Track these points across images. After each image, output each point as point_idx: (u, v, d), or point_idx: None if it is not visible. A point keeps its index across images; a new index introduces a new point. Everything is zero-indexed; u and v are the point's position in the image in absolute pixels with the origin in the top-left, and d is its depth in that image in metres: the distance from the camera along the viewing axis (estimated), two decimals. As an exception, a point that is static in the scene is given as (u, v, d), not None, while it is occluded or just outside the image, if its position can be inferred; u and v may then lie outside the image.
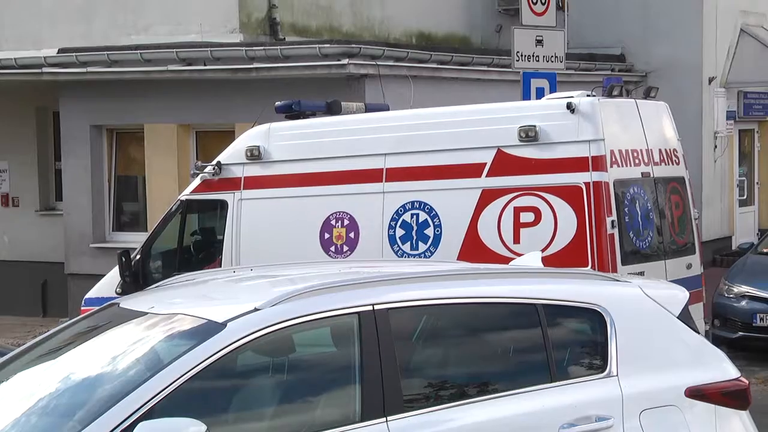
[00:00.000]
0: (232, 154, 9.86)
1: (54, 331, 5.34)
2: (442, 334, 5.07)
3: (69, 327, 5.31)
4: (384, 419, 4.54)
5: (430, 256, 8.84)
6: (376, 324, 4.68)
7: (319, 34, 15.75)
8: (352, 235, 9.20)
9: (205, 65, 14.00)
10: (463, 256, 8.59)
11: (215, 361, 4.40)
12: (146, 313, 4.92)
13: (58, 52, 14.87)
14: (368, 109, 10.22)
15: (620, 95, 8.91)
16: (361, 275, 5.31)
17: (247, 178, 9.69)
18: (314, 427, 4.54)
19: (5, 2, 16.37)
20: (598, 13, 18.62)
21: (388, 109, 10.28)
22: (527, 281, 5.32)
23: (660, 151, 9.11)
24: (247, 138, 9.81)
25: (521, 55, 12.22)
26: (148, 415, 4.21)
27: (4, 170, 16.90)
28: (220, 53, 13.90)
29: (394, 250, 8.98)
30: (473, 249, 8.61)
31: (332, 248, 9.27)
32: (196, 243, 10.37)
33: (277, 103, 10.02)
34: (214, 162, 9.88)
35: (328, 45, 13.62)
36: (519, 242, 8.54)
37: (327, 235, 9.29)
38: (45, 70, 14.85)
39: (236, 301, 4.93)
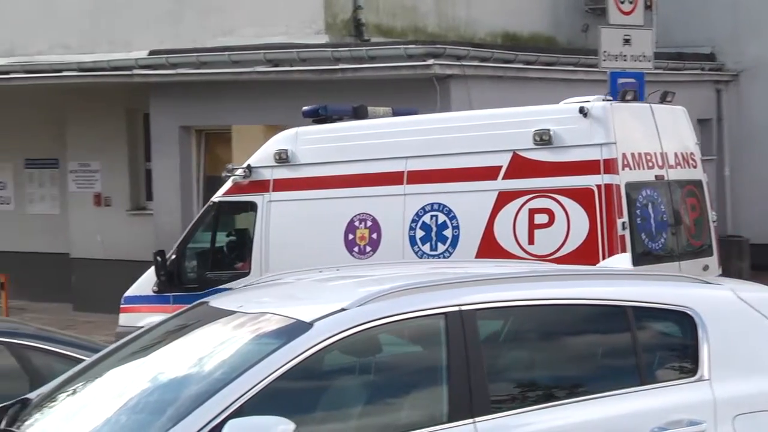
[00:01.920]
0: (261, 157, 10.20)
1: (144, 330, 5.41)
2: (528, 336, 5.03)
3: (159, 325, 5.38)
4: (471, 420, 4.51)
5: (448, 257, 9.09)
6: (463, 325, 4.65)
7: (404, 35, 15.75)
8: (374, 236, 9.50)
9: (291, 66, 14.10)
10: (479, 256, 8.87)
11: (302, 360, 4.42)
12: (235, 312, 4.96)
13: (148, 54, 15.10)
14: (396, 113, 10.41)
15: (634, 100, 9.09)
16: (447, 276, 5.29)
17: (275, 180, 10.04)
18: (401, 427, 4.53)
19: (98, 7, 16.66)
20: (686, 11, 18.33)
21: (416, 113, 10.44)
22: (616, 283, 5.25)
23: (676, 154, 9.28)
24: (276, 142, 10.16)
25: (608, 55, 12.08)
26: (237, 413, 4.23)
27: (96, 170, 17.21)
28: (306, 54, 13.98)
29: (414, 251, 9.26)
30: (489, 250, 8.88)
31: (356, 249, 9.57)
32: (228, 243, 10.64)
33: (304, 107, 10.31)
34: (244, 165, 10.23)
35: (413, 46, 13.61)
36: (533, 243, 8.81)
37: (351, 236, 9.58)
38: (136, 72, 15.09)
39: (323, 301, 4.94)
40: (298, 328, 4.53)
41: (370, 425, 4.55)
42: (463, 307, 4.69)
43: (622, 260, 6.14)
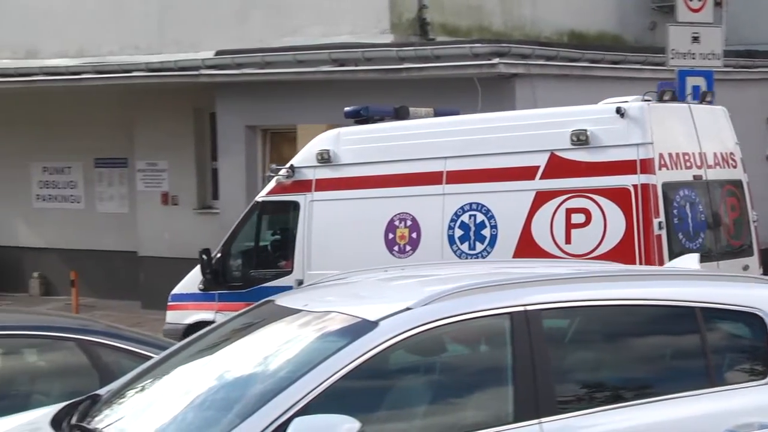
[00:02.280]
0: (304, 157, 10.41)
1: (211, 328, 5.45)
2: (595, 336, 4.98)
3: (226, 323, 5.42)
4: (537, 421, 4.49)
5: (486, 256, 9.22)
6: (528, 325, 4.63)
7: (469, 34, 15.70)
8: (414, 235, 9.67)
9: (356, 66, 14.12)
10: (517, 255, 8.99)
11: (368, 359, 4.42)
12: (300, 311, 4.98)
13: (215, 55, 15.23)
14: (438, 114, 10.50)
15: (672, 100, 9.09)
16: (512, 276, 5.26)
17: (317, 180, 10.24)
18: (466, 427, 4.52)
19: (166, 8, 16.84)
20: (757, 8, 18.04)
21: (458, 113, 10.51)
22: (684, 283, 5.19)
23: (715, 154, 9.30)
24: (318, 142, 10.36)
25: (676, 53, 11.94)
26: (303, 411, 4.25)
27: (163, 170, 17.39)
28: (371, 54, 13.99)
29: (453, 250, 9.40)
30: (527, 249, 9.01)
31: (396, 248, 9.75)
32: (271, 242, 10.84)
33: (346, 108, 10.46)
34: (287, 165, 10.45)
35: (478, 45, 13.56)
36: (570, 242, 8.93)
37: (391, 235, 9.78)
38: (202, 72, 15.22)
39: (388, 300, 4.95)
40: (364, 327, 4.54)
41: (435, 425, 4.54)
42: (529, 307, 4.67)
43: (691, 260, 6.05)
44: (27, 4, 18.01)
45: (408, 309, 4.60)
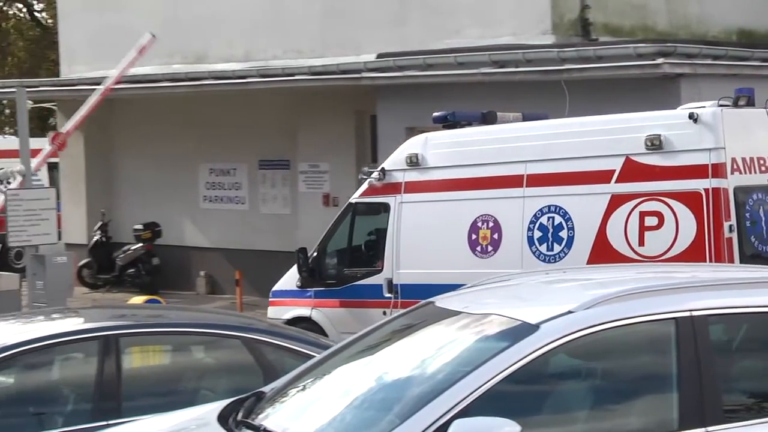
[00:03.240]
0: (395, 160, 10.93)
1: (372, 328, 5.50)
2: (763, 344, 4.82)
3: (386, 324, 5.47)
4: (703, 429, 4.38)
5: (563, 257, 9.58)
6: (695, 331, 4.52)
7: (633, 34, 15.42)
8: (495, 236, 10.07)
9: (516, 67, 14.04)
10: (593, 257, 9.38)
11: (528, 362, 4.39)
12: (460, 313, 4.98)
13: (376, 58, 15.37)
14: (526, 118, 10.83)
15: (747, 105, 9.24)
16: (677, 280, 5.14)
17: (407, 182, 10.73)
18: (628, 433, 4.45)
19: (328, 12, 17.10)
20: None
21: (546, 117, 10.74)
22: None
23: None
24: (408, 146, 10.89)
25: None
26: (463, 413, 4.25)
27: (325, 171, 17.65)
28: (532, 55, 13.89)
29: (532, 251, 9.78)
30: (602, 250, 9.35)
31: (478, 248, 10.16)
32: (364, 242, 11.35)
33: (434, 113, 10.93)
34: (379, 168, 11.01)
35: (642, 44, 13.30)
36: (644, 245, 9.20)
37: (474, 236, 10.19)
38: (364, 75, 15.38)
39: (549, 303, 4.90)
40: (524, 330, 4.51)
41: (596, 430, 4.48)
42: (695, 313, 4.56)
43: None
44: (197, 12, 18.57)
45: (570, 312, 4.55)
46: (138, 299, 13.74)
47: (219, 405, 5.17)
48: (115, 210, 20.13)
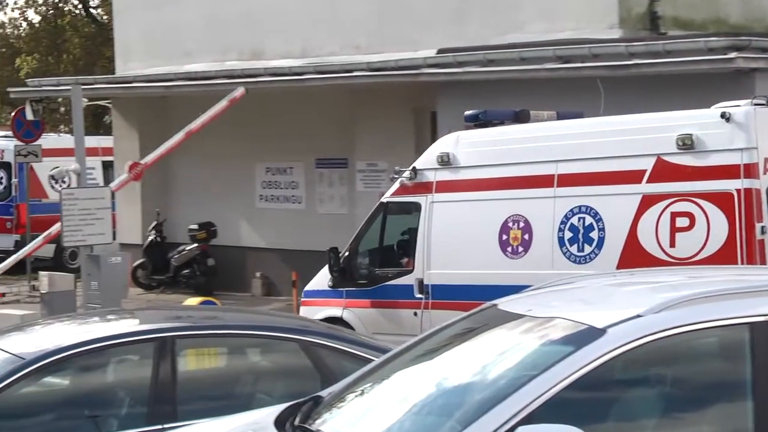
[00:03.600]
0: (426, 160, 11.13)
1: (432, 332, 5.49)
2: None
3: (447, 328, 5.45)
4: (780, 439, 4.31)
5: (594, 258, 9.72)
6: (771, 336, 4.44)
7: (704, 28, 15.24)
8: (526, 237, 10.22)
9: (582, 63, 13.94)
10: (623, 258, 9.50)
11: (594, 368, 4.35)
12: (523, 316, 4.95)
13: (436, 53, 15.35)
14: (561, 116, 10.95)
15: None
16: (752, 283, 5.07)
17: (438, 182, 10.92)
18: (699, 442, 4.39)
19: (385, 7, 17.10)
20: None
21: (582, 116, 10.87)
22: None
23: None
24: (439, 145, 11.14)
25: None
26: (527, 420, 4.23)
27: (382, 170, 17.64)
28: (598, 50, 13.78)
29: (562, 252, 9.94)
30: (633, 252, 9.48)
31: (509, 249, 10.33)
32: (395, 242, 11.57)
33: (466, 112, 11.14)
34: (410, 167, 11.18)
35: (714, 38, 13.14)
36: (674, 246, 9.34)
37: (504, 237, 10.37)
38: (423, 71, 15.36)
39: (617, 306, 4.86)
40: (590, 335, 4.47)
41: (665, 439, 4.43)
42: (771, 318, 4.48)
43: None
44: (253, 7, 18.67)
45: (638, 316, 4.50)
46: (193, 300, 13.84)
47: (276, 409, 5.19)
48: (170, 209, 20.31)
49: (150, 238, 20.02)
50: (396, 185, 11.39)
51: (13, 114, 21.82)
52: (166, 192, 20.48)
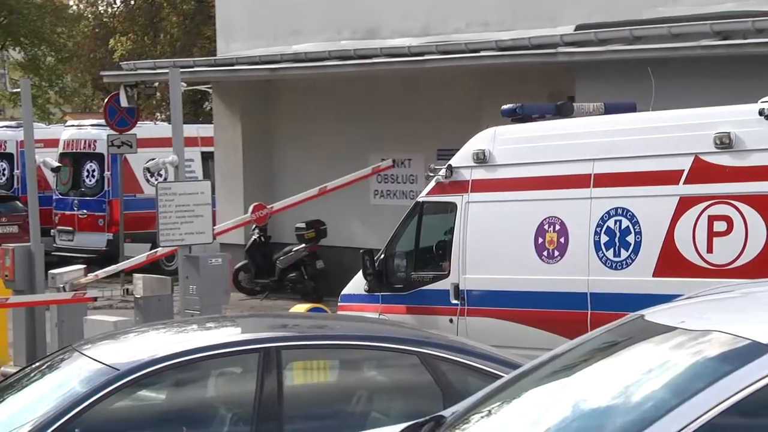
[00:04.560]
0: (462, 157, 11.47)
1: (570, 346, 5.46)
2: None
3: (586, 341, 5.41)
4: None
5: (630, 264, 10.08)
6: None
7: None
8: (562, 240, 10.58)
9: (744, 39, 13.70)
10: (660, 264, 9.89)
11: (758, 390, 4.28)
12: (675, 329, 4.90)
13: (575, 30, 15.24)
14: (608, 109, 11.31)
15: None
16: None
17: (474, 181, 11.30)
18: None
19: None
20: None
21: (634, 109, 11.31)
22: None
23: None
24: (476, 141, 11.43)
25: None
26: (678, 448, 4.18)
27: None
28: (763, 24, 13.54)
29: (598, 257, 10.30)
30: (670, 257, 9.86)
31: (545, 253, 10.69)
32: (431, 244, 11.99)
33: (503, 106, 11.44)
34: (446, 165, 11.50)
35: None
36: (712, 252, 9.67)
37: (540, 240, 10.72)
38: (560, 50, 15.27)
39: (783, 319, 4.77)
40: (754, 351, 4.40)
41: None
42: None
43: None
44: (368, -20, 18.79)
45: (810, 330, 4.41)
46: (301, 307, 13.99)
47: (392, 430, 5.21)
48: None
49: (253, 237, 20.28)
50: (432, 184, 11.77)
51: (105, 100, 22.36)
52: (271, 186, 20.73)
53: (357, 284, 12.41)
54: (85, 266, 14.51)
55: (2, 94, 44.02)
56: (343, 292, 12.71)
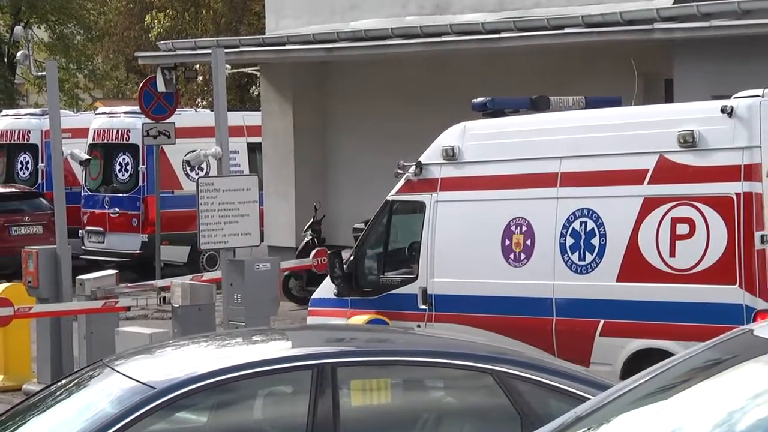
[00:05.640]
0: (431, 154, 12.09)
1: (666, 364, 5.42)
2: None
3: (685, 360, 5.37)
4: None
5: (595, 267, 10.73)
6: None
7: None
8: (528, 242, 11.18)
9: None
10: (624, 268, 10.56)
11: None
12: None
13: (673, 3, 15.15)
14: (590, 103, 11.96)
15: None
16: None
17: (443, 179, 11.85)
18: None
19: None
20: None
21: (619, 104, 11.95)
22: None
23: None
24: (445, 137, 12.04)
25: None
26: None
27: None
28: None
29: (564, 260, 10.92)
30: (633, 261, 10.52)
31: (512, 256, 11.31)
32: (399, 246, 12.70)
33: (473, 100, 12.02)
34: (416, 162, 12.07)
35: None
36: (674, 256, 10.31)
37: (507, 242, 11.33)
38: (657, 26, 15.19)
39: None
40: None
41: None
42: None
43: None
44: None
45: None
46: (359, 319, 14.03)
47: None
48: (330, 204, 20.60)
49: (305, 239, 20.34)
50: (401, 181, 12.24)
51: (141, 85, 22.52)
52: (325, 181, 20.79)
53: (327, 288, 12.84)
54: (116, 271, 14.61)
55: (26, 78, 44.47)
56: (313, 296, 13.21)
